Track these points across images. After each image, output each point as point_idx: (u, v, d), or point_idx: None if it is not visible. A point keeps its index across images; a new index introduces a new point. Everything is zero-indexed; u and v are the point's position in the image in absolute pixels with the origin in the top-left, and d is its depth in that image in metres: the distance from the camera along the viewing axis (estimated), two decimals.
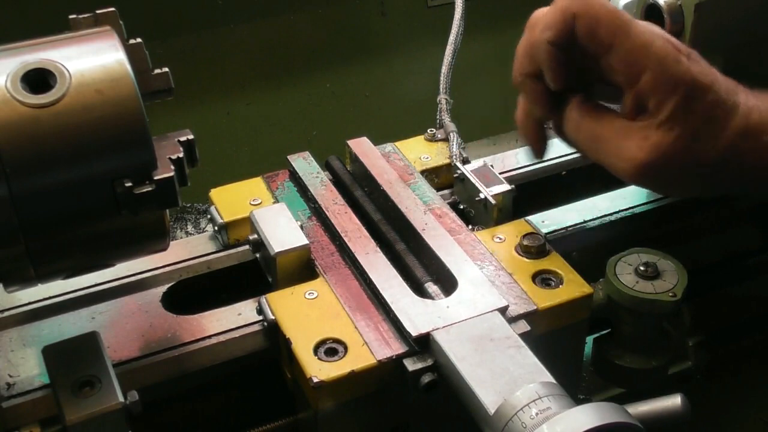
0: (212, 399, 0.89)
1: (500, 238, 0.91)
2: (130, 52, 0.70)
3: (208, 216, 0.99)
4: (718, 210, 1.06)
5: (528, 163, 1.08)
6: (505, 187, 0.95)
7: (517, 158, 1.08)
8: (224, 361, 0.84)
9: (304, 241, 0.87)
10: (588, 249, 0.97)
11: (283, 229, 0.89)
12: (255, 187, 1.00)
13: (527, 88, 0.80)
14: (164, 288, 0.91)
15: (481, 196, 0.96)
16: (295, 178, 1.01)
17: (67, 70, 0.67)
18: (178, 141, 0.74)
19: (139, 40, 0.73)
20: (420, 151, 1.06)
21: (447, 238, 0.89)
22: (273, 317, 0.82)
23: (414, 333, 0.77)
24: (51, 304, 0.88)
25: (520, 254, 0.89)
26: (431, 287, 0.85)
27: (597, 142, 0.77)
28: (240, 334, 0.84)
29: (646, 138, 0.74)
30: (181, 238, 1.11)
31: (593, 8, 0.75)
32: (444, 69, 1.11)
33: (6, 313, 0.87)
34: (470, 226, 0.96)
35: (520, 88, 0.83)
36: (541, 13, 0.79)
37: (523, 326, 0.80)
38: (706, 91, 0.73)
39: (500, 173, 0.99)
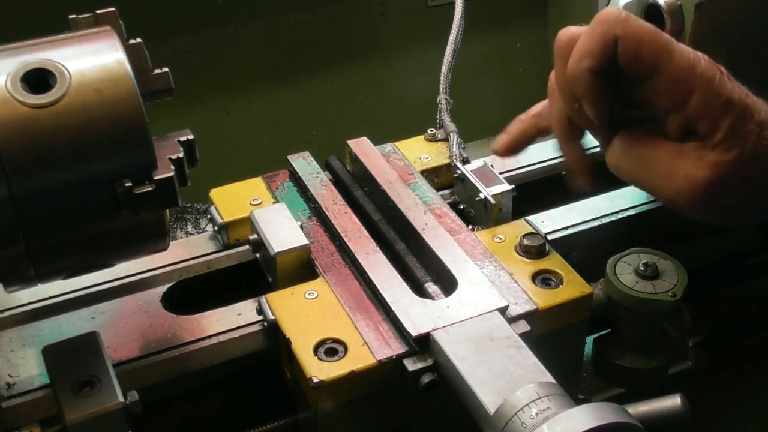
0: (212, 399, 0.89)
1: (500, 238, 0.91)
2: (130, 52, 0.70)
3: (208, 216, 0.99)
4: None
5: (528, 163, 1.08)
6: (505, 187, 0.95)
7: (517, 158, 1.08)
8: (224, 361, 0.84)
9: (304, 241, 0.87)
10: (588, 249, 0.97)
11: (283, 229, 0.89)
12: (255, 187, 1.00)
13: (581, 118, 0.76)
14: (164, 288, 0.91)
15: (481, 196, 0.96)
16: (295, 178, 1.02)
17: (67, 70, 0.67)
18: (178, 141, 0.74)
19: (139, 40, 0.73)
20: (420, 151, 1.06)
21: (447, 238, 0.89)
22: (273, 317, 0.82)
23: (414, 333, 0.77)
24: (51, 304, 0.88)
25: (520, 254, 0.89)
26: (431, 287, 0.85)
27: (646, 164, 0.74)
28: (240, 334, 0.84)
29: (703, 158, 0.71)
30: (181, 238, 1.11)
31: (636, 30, 0.71)
32: (444, 69, 1.11)
33: (6, 313, 0.87)
34: (470, 226, 0.96)
35: (562, 129, 0.79)
36: (569, 36, 0.75)
37: (523, 326, 0.80)
38: (754, 111, 0.71)
39: (500, 173, 0.99)
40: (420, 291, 0.84)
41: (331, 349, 0.78)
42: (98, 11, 0.72)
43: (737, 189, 0.72)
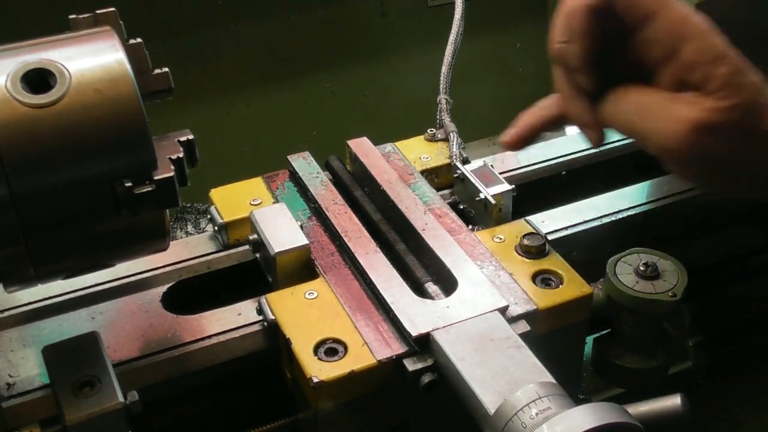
0: (212, 399, 0.89)
1: (500, 238, 0.91)
2: (130, 52, 0.70)
3: (208, 216, 0.98)
4: (718, 210, 1.06)
5: (528, 163, 1.08)
6: (505, 187, 0.95)
7: (517, 158, 1.08)
8: (224, 361, 0.84)
9: (304, 241, 0.87)
10: (588, 249, 0.97)
11: (283, 229, 0.89)
12: (255, 187, 1.00)
13: (567, 55, 0.76)
14: (164, 288, 0.91)
15: (481, 196, 0.96)
16: (295, 178, 1.02)
17: (67, 70, 0.67)
18: (178, 141, 0.74)
19: (139, 40, 0.73)
20: (420, 151, 1.06)
21: (447, 238, 0.89)
22: (273, 317, 0.82)
23: (414, 333, 0.77)
24: (51, 304, 0.88)
25: (520, 254, 0.89)
26: (431, 287, 0.85)
27: (640, 110, 0.73)
28: (240, 334, 0.84)
29: (698, 103, 0.70)
30: (181, 238, 1.11)
31: None
32: (444, 69, 1.11)
33: (6, 313, 0.87)
34: (470, 226, 0.96)
35: (558, 60, 0.78)
36: None
37: (523, 326, 0.80)
38: (750, 68, 0.71)
39: (500, 173, 0.99)
40: (420, 291, 0.84)
41: (331, 349, 0.78)
42: (98, 11, 0.72)
43: (733, 138, 0.71)
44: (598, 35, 0.74)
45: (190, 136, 0.74)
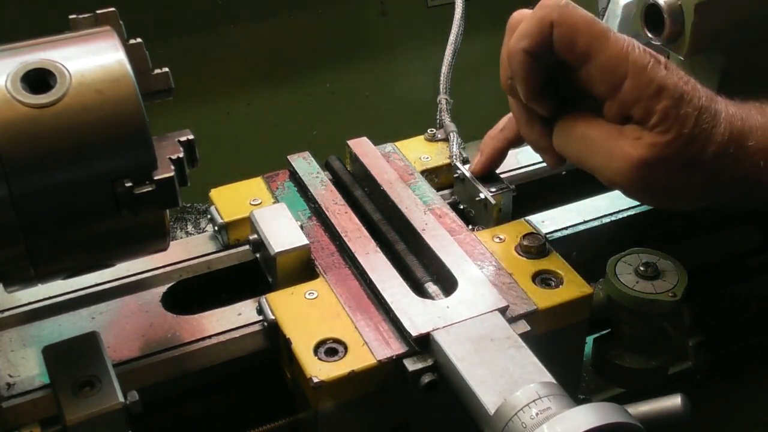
0: (212, 399, 0.89)
1: (500, 238, 0.91)
2: (130, 52, 0.70)
3: (208, 216, 0.98)
4: (718, 210, 1.06)
5: (528, 163, 1.08)
6: (505, 187, 0.95)
7: (517, 158, 1.08)
8: (224, 361, 0.84)
9: (304, 241, 0.87)
10: (588, 249, 0.97)
11: (283, 229, 0.89)
12: (255, 187, 1.00)
13: (515, 90, 0.81)
14: (164, 288, 0.91)
15: (481, 196, 0.96)
16: (295, 178, 1.01)
17: (67, 70, 0.67)
18: (178, 141, 0.73)
19: (139, 40, 0.73)
20: (420, 151, 1.06)
21: (447, 238, 0.89)
22: (273, 317, 0.82)
23: (414, 333, 0.77)
24: (51, 304, 0.88)
25: (520, 254, 0.89)
26: (431, 287, 0.85)
27: (587, 144, 0.77)
28: (240, 334, 0.84)
29: (640, 138, 0.74)
30: (181, 238, 1.11)
31: (571, 17, 0.74)
32: (444, 69, 1.11)
33: (6, 313, 0.87)
34: (470, 226, 0.96)
35: (509, 93, 0.85)
36: (520, 15, 0.80)
37: (523, 326, 0.80)
38: (692, 96, 0.74)
39: (500, 173, 0.99)
40: (420, 291, 0.84)
41: (331, 349, 0.78)
42: (98, 11, 0.72)
43: (676, 171, 0.74)
44: (540, 71, 0.78)
45: (190, 136, 0.74)
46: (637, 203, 1.00)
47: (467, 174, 0.98)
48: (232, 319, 0.86)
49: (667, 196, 0.78)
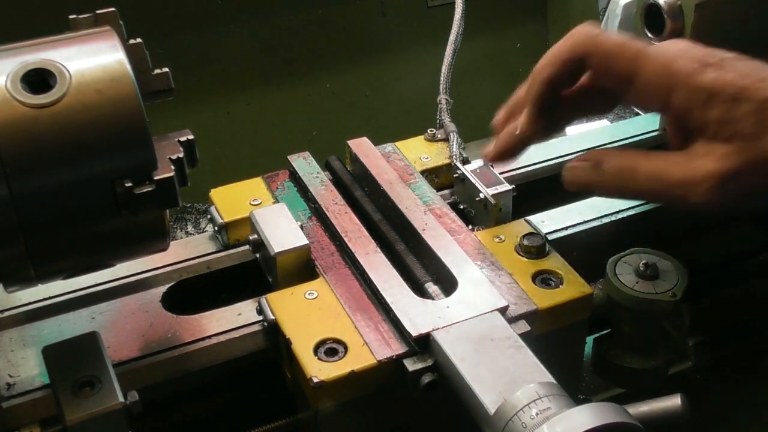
0: (212, 399, 0.89)
1: (500, 238, 0.91)
2: (130, 52, 0.70)
3: (208, 216, 0.98)
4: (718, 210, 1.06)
5: (528, 163, 1.08)
6: (505, 187, 0.95)
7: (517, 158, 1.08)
8: (224, 361, 0.84)
9: (304, 241, 0.87)
10: (588, 249, 0.97)
11: (283, 229, 0.89)
12: (255, 187, 1.00)
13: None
14: (164, 288, 0.91)
15: (481, 196, 0.96)
16: (295, 178, 1.02)
17: (67, 70, 0.67)
18: (178, 141, 0.73)
19: (139, 40, 0.73)
20: (420, 151, 1.06)
21: (447, 238, 0.89)
22: (273, 317, 0.82)
23: (414, 333, 0.77)
24: (51, 304, 0.88)
25: (520, 254, 0.89)
26: (431, 287, 0.85)
27: (660, 177, 0.73)
28: (240, 334, 0.84)
29: (711, 153, 0.71)
30: (181, 238, 1.11)
31: (603, 45, 0.74)
32: (444, 69, 1.11)
33: (6, 313, 0.87)
34: (470, 226, 0.96)
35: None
36: (586, 32, 0.77)
37: (523, 326, 0.80)
38: (750, 93, 0.70)
39: (500, 173, 0.99)
40: (420, 291, 0.84)
41: (331, 349, 0.78)
42: (98, 11, 0.72)
43: (761, 172, 0.70)
44: (546, 101, 0.79)
45: (190, 136, 0.74)
46: (638, 203, 1.01)
47: (467, 174, 0.98)
48: (232, 319, 0.86)
49: (757, 198, 0.73)
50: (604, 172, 0.76)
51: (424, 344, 0.78)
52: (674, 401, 0.75)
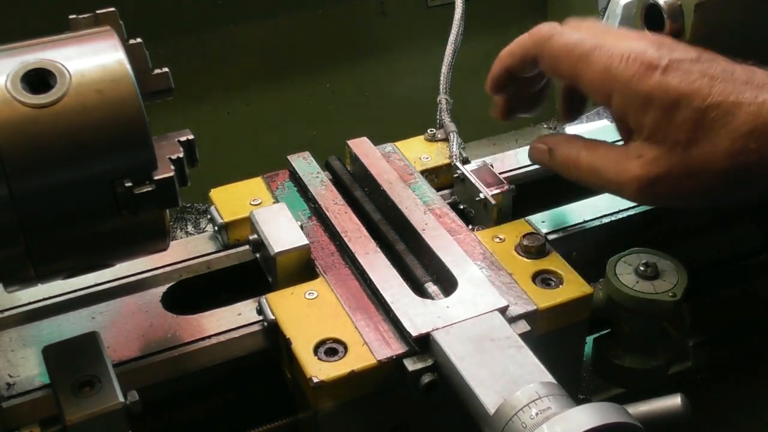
0: (212, 399, 0.89)
1: (500, 238, 0.91)
2: (130, 52, 0.70)
3: (208, 216, 0.98)
4: (718, 210, 1.06)
5: (528, 163, 1.08)
6: (505, 187, 0.95)
7: (517, 158, 1.08)
8: (224, 361, 0.84)
9: (304, 241, 0.87)
10: (588, 249, 0.97)
11: (283, 229, 0.89)
12: (255, 187, 1.00)
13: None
14: (164, 288, 0.91)
15: (481, 196, 0.96)
16: (295, 178, 1.02)
17: (67, 70, 0.67)
18: (178, 141, 0.73)
19: (139, 40, 0.73)
20: (420, 151, 1.06)
21: (447, 238, 0.89)
22: (273, 317, 0.82)
23: (414, 333, 0.77)
24: (51, 304, 0.88)
25: (520, 254, 0.89)
26: (431, 287, 0.85)
27: (595, 173, 0.79)
28: (240, 334, 0.84)
29: (642, 155, 0.74)
30: (181, 238, 1.11)
31: (551, 49, 0.79)
32: (444, 69, 1.11)
33: (6, 313, 0.87)
34: (470, 226, 0.96)
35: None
36: (547, 29, 0.83)
37: (523, 326, 0.80)
38: (691, 99, 0.71)
39: (500, 173, 0.99)
40: (420, 291, 0.84)
41: (331, 349, 0.78)
42: (98, 11, 0.72)
43: (683, 179, 0.73)
44: (505, 83, 0.89)
45: (190, 136, 0.74)
46: (637, 203, 1.01)
47: (467, 174, 0.98)
48: (232, 319, 0.86)
49: (686, 201, 0.77)
50: (555, 158, 0.83)
51: (424, 344, 0.78)
52: (674, 401, 0.75)
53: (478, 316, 0.79)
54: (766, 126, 0.70)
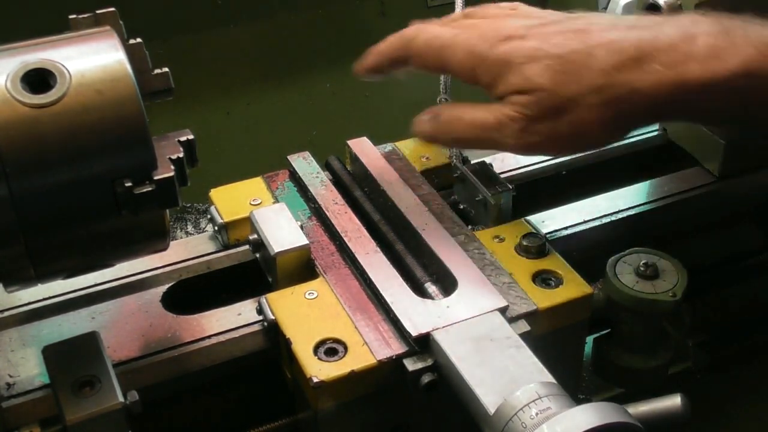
0: (212, 399, 0.89)
1: (500, 238, 0.91)
2: (130, 52, 0.70)
3: (208, 216, 0.98)
4: (718, 209, 1.06)
5: (528, 163, 1.08)
6: (505, 187, 0.95)
7: (517, 158, 1.08)
8: (224, 361, 0.84)
9: (304, 241, 0.87)
10: (588, 249, 0.97)
11: (283, 229, 0.89)
12: (255, 187, 1.00)
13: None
14: (164, 288, 0.91)
15: (481, 196, 0.96)
16: (295, 178, 1.02)
17: (67, 70, 0.67)
18: (178, 141, 0.74)
19: (139, 40, 0.73)
20: (420, 151, 1.06)
21: (447, 238, 0.89)
22: (273, 317, 0.82)
23: (414, 333, 0.77)
24: (51, 304, 0.88)
25: (520, 254, 0.89)
26: (431, 287, 0.85)
27: (478, 124, 0.82)
28: (240, 334, 0.84)
29: (517, 102, 0.78)
30: (181, 238, 1.11)
31: (414, 48, 0.86)
32: None
33: (6, 313, 0.87)
34: (470, 226, 0.96)
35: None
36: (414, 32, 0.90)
37: (523, 326, 0.80)
38: (546, 51, 0.76)
39: (500, 173, 0.99)
40: (420, 291, 0.84)
41: (331, 349, 0.78)
42: (98, 11, 0.72)
43: (558, 119, 0.76)
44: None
45: (190, 136, 0.74)
46: (638, 203, 1.01)
47: (467, 174, 0.98)
48: (232, 319, 0.86)
49: (562, 147, 0.81)
50: (439, 122, 0.85)
51: (423, 344, 0.78)
52: (674, 401, 0.76)
53: (478, 316, 0.79)
54: (628, 61, 0.74)
